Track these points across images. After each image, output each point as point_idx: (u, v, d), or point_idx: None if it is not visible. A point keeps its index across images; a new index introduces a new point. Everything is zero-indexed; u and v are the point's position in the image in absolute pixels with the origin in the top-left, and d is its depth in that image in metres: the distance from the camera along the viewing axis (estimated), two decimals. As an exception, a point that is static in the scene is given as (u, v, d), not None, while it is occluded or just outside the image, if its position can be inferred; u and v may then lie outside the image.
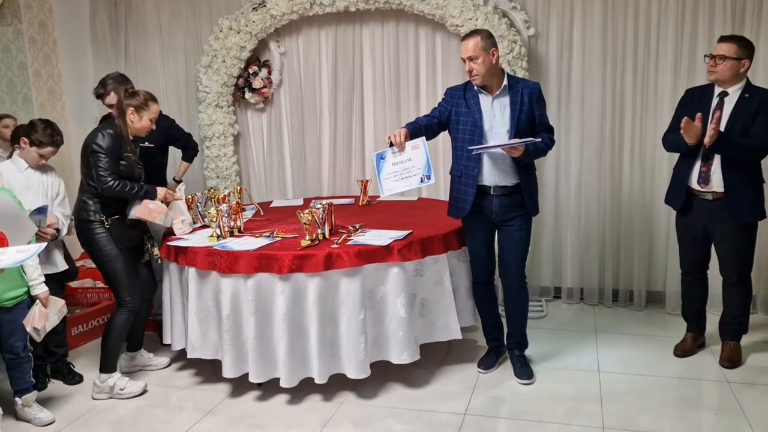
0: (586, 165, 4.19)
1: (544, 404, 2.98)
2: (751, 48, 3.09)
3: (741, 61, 3.05)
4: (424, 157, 2.97)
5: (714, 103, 3.14)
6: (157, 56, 4.76)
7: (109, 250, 3.16)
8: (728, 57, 3.04)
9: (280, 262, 2.92)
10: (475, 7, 3.98)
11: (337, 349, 3.01)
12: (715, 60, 3.08)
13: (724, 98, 3.12)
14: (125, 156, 3.18)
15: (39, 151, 3.16)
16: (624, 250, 4.19)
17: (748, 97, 3.07)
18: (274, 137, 4.69)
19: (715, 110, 3.12)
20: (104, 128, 3.17)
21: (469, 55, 2.95)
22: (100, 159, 3.09)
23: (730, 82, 3.09)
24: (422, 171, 2.98)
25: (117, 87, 3.57)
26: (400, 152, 3.01)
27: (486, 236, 3.19)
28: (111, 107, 3.59)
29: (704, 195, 3.17)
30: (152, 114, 3.21)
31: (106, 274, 3.22)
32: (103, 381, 3.17)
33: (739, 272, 3.23)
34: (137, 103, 3.16)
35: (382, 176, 3.05)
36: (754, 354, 3.40)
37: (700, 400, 3.03)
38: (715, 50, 3.11)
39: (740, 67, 3.06)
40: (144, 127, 3.21)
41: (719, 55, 3.06)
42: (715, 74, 3.10)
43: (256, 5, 4.34)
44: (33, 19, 4.50)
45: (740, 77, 3.09)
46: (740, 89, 3.10)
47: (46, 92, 4.59)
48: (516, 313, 3.24)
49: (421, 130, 3.08)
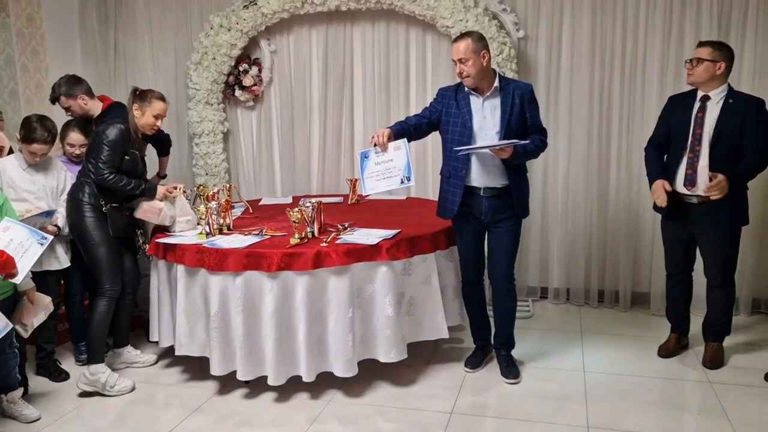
0: (574, 166, 4.23)
1: (530, 404, 3.00)
2: (728, 50, 3.15)
3: (716, 64, 3.10)
4: (404, 159, 3.00)
5: (696, 107, 3.18)
6: (147, 52, 4.74)
7: (97, 234, 3.17)
8: (703, 59, 3.11)
9: (268, 260, 2.92)
10: (466, 9, 4.00)
11: (324, 347, 3.02)
12: (692, 63, 3.16)
13: (706, 102, 3.16)
14: (130, 152, 3.23)
15: (28, 148, 3.14)
16: (610, 251, 4.24)
17: (732, 102, 3.11)
18: (264, 135, 4.69)
19: (697, 113, 3.17)
20: (117, 121, 3.22)
21: (460, 57, 2.96)
22: (103, 150, 3.14)
23: (709, 84, 3.14)
24: (402, 172, 3.00)
25: (68, 90, 3.59)
26: (382, 152, 3.04)
27: (475, 237, 3.21)
28: (68, 110, 3.63)
29: (689, 198, 3.21)
30: (155, 111, 3.25)
31: (90, 258, 3.22)
32: (93, 374, 3.15)
33: (723, 275, 3.27)
34: (141, 101, 3.23)
35: (365, 175, 3.09)
36: (736, 355, 3.45)
37: (683, 400, 3.07)
38: (693, 54, 3.20)
39: (716, 69, 3.11)
40: (148, 124, 3.27)
41: (696, 58, 3.14)
42: (693, 77, 3.17)
43: (247, 3, 4.34)
44: (21, 13, 4.46)
45: (718, 79, 3.14)
46: (722, 93, 3.14)
47: (33, 86, 4.55)
48: (504, 313, 3.26)
49: (409, 130, 3.10)
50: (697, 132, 3.15)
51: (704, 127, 3.13)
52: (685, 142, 3.18)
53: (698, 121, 3.16)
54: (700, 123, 3.15)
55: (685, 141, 3.18)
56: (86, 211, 3.18)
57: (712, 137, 3.10)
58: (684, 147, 3.18)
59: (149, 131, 3.31)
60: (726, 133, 3.09)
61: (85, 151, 3.30)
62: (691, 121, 3.18)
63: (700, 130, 3.14)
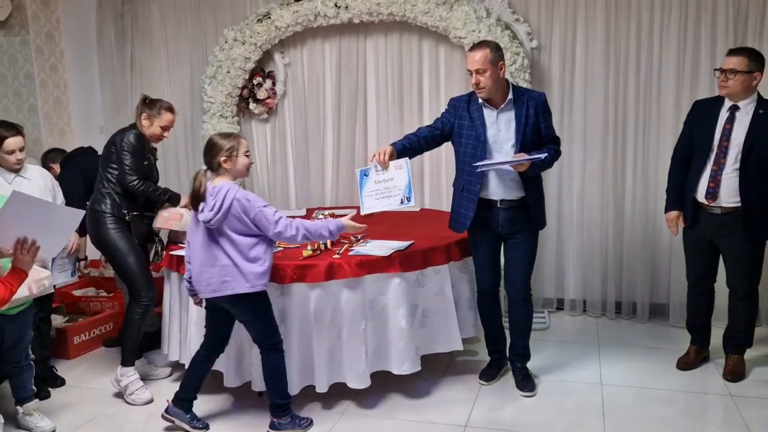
0: (589, 177, 4.19)
1: (546, 417, 2.96)
2: (762, 60, 3.04)
3: (752, 74, 3.00)
4: (405, 178, 2.92)
5: (724, 118, 3.09)
6: (163, 67, 4.80)
7: (123, 244, 3.20)
8: (739, 71, 2.99)
9: (281, 272, 2.92)
10: (479, 20, 4.00)
11: (338, 358, 3.00)
12: (725, 74, 3.02)
13: (735, 112, 3.06)
14: (147, 157, 3.28)
15: (3, 151, 3.00)
16: (627, 262, 4.18)
17: (762, 113, 3.00)
18: (278, 148, 4.71)
19: (725, 124, 3.08)
20: (132, 129, 3.25)
21: (477, 68, 2.88)
22: (125, 157, 3.17)
23: (742, 95, 3.04)
24: (403, 192, 2.93)
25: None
26: (383, 170, 2.97)
27: (492, 248, 3.18)
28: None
29: (712, 209, 3.14)
30: (164, 122, 3.27)
31: (121, 269, 3.25)
32: (120, 375, 3.21)
33: (747, 286, 3.20)
34: (150, 110, 3.25)
35: (363, 193, 3.00)
36: (758, 368, 3.37)
37: (703, 414, 3.01)
38: (725, 64, 3.05)
39: (752, 80, 3.00)
40: (155, 134, 3.29)
41: (730, 69, 3.00)
42: (727, 89, 3.04)
43: (260, 17, 4.38)
44: (40, 30, 4.55)
45: (752, 90, 3.04)
46: (752, 103, 3.04)
47: (52, 102, 4.63)
48: (520, 325, 3.23)
49: (419, 143, 3.07)
50: (723, 144, 3.06)
51: (731, 140, 3.04)
52: (709, 152, 3.10)
53: (726, 133, 3.05)
54: (727, 135, 3.05)
55: (708, 151, 3.10)
56: (109, 222, 3.20)
57: (743, 151, 3.00)
58: (707, 157, 3.10)
59: (155, 141, 3.35)
60: (758, 147, 2.99)
61: (101, 162, 3.29)
62: (716, 131, 3.08)
63: (727, 143, 3.05)
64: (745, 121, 3.03)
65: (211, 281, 2.69)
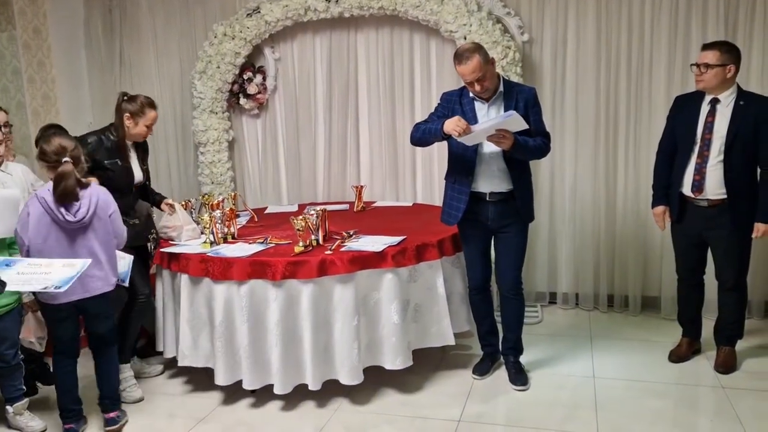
0: (581, 170, 4.19)
1: (539, 411, 2.96)
2: (736, 51, 3.07)
3: (726, 67, 3.04)
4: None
5: (706, 111, 3.13)
6: (152, 62, 4.76)
7: None
8: (712, 65, 3.04)
9: (273, 269, 2.90)
10: (469, 13, 3.98)
11: (330, 355, 2.99)
12: (700, 69, 3.08)
13: (716, 105, 3.11)
14: (111, 163, 3.14)
15: None
16: (619, 255, 4.19)
17: (743, 104, 3.05)
18: (269, 143, 4.69)
19: (707, 117, 3.11)
20: (92, 133, 3.17)
21: (477, 77, 2.87)
22: None
23: (719, 88, 3.08)
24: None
25: None
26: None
27: (482, 243, 3.18)
28: None
29: (699, 202, 3.16)
30: (148, 120, 3.20)
31: None
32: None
33: (736, 277, 3.22)
34: (134, 109, 3.16)
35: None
36: (749, 359, 3.39)
37: (695, 405, 3.02)
38: (699, 59, 3.11)
39: (726, 72, 3.05)
40: (140, 133, 3.22)
41: (704, 63, 3.06)
42: (703, 83, 3.10)
43: (250, 11, 4.34)
44: (27, 25, 4.49)
45: (729, 82, 3.08)
46: (732, 95, 3.09)
47: (40, 98, 4.58)
48: (512, 319, 3.23)
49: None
50: (706, 137, 3.09)
51: (714, 132, 3.08)
52: (692, 145, 3.14)
53: (708, 126, 3.09)
54: (710, 128, 3.09)
55: (692, 144, 3.14)
56: None
57: (726, 143, 3.04)
58: (692, 150, 3.14)
59: (140, 140, 3.28)
60: (740, 138, 3.03)
61: None
62: (698, 124, 3.12)
63: (710, 135, 3.09)
64: (727, 113, 3.07)
65: None
